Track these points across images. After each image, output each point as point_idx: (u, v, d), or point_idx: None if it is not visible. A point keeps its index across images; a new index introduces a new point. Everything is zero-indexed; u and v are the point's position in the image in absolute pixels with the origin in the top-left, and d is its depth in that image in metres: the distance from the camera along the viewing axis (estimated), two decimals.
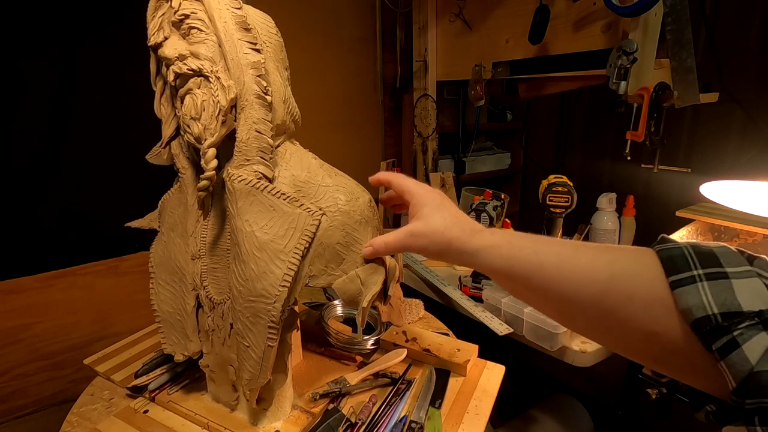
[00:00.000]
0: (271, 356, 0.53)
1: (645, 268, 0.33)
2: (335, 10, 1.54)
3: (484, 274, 0.45)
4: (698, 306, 0.28)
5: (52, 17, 1.00)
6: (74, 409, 0.66)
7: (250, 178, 0.52)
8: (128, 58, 1.06)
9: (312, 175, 0.56)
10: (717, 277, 0.29)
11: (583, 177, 1.72)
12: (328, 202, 0.54)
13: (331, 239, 0.53)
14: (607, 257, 0.35)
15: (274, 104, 0.54)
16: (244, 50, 0.51)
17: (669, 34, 0.86)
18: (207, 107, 0.50)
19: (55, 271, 1.08)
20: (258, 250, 0.51)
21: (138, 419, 0.62)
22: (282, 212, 0.52)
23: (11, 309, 1.03)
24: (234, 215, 0.52)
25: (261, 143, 0.52)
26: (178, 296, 0.60)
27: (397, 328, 0.79)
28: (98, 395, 0.69)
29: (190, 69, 0.50)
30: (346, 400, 0.64)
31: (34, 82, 1.00)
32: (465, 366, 0.69)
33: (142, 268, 1.19)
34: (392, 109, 1.78)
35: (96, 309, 1.14)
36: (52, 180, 1.05)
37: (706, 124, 1.50)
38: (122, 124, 1.11)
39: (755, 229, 0.82)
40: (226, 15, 0.51)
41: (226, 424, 0.60)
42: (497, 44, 1.25)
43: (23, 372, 1.05)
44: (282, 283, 0.51)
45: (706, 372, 0.30)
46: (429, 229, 0.46)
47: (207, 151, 0.50)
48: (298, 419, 0.61)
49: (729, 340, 0.27)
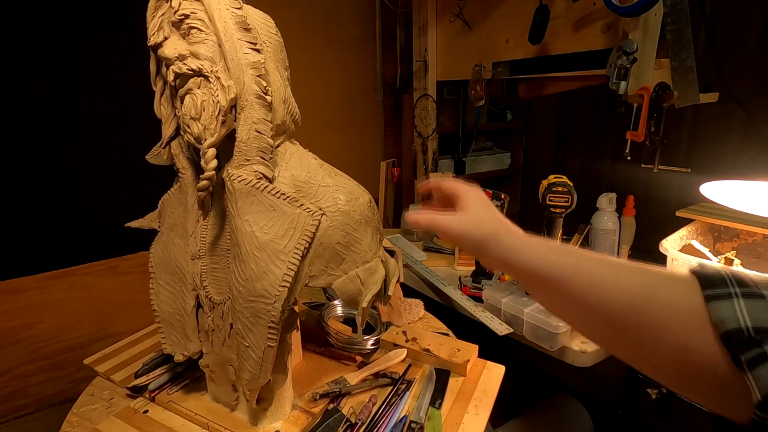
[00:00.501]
0: (271, 356, 0.53)
1: (681, 283, 0.33)
2: (335, 10, 1.54)
3: (515, 273, 0.45)
4: (731, 318, 0.28)
5: (52, 17, 1.00)
6: (74, 409, 0.66)
7: (249, 178, 0.52)
8: (128, 58, 1.06)
9: (312, 175, 0.56)
10: (754, 296, 0.29)
11: (583, 177, 1.72)
12: (328, 202, 0.54)
13: (331, 239, 0.53)
14: (645, 269, 0.36)
15: (274, 104, 0.54)
16: (244, 50, 0.51)
17: (669, 34, 0.86)
18: (207, 107, 0.50)
19: (55, 271, 1.08)
20: (258, 250, 0.51)
21: (138, 419, 0.62)
22: (282, 212, 0.52)
23: (11, 309, 1.03)
24: (234, 215, 0.52)
25: (261, 143, 0.52)
26: (178, 296, 0.60)
27: (397, 328, 0.79)
28: (98, 395, 0.69)
29: (189, 69, 0.50)
30: (346, 400, 0.64)
31: (34, 82, 1.00)
32: (465, 366, 0.69)
33: (142, 268, 1.19)
34: (392, 109, 1.78)
35: (96, 309, 1.14)
36: (52, 180, 1.05)
37: (706, 124, 1.50)
38: (122, 125, 1.11)
39: (755, 229, 0.82)
40: (226, 15, 0.51)
41: (226, 424, 0.60)
42: (497, 44, 1.25)
43: (23, 372, 1.05)
44: (282, 283, 0.51)
45: (730, 389, 0.29)
46: (477, 217, 0.47)
47: (207, 151, 0.50)
48: (298, 419, 0.61)
49: (760, 354, 0.27)
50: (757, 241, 0.88)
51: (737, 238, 0.92)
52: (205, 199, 0.55)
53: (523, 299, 0.89)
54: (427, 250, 1.28)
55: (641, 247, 1.12)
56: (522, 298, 0.89)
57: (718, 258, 0.75)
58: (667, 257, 0.79)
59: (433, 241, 1.33)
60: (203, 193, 0.53)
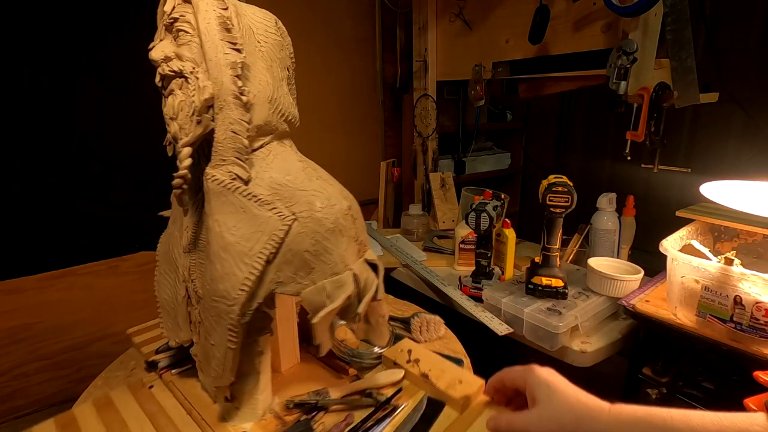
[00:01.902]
0: (231, 358, 0.53)
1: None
2: (335, 10, 1.54)
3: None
4: None
5: (52, 17, 1.00)
6: (104, 373, 0.74)
7: (223, 178, 0.51)
8: (128, 58, 1.06)
9: (291, 179, 0.54)
10: None
11: (583, 177, 1.72)
12: (303, 207, 0.53)
13: (300, 246, 0.52)
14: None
15: (256, 104, 0.53)
16: (225, 50, 0.51)
17: (669, 34, 0.86)
18: (184, 108, 0.50)
19: (55, 271, 1.08)
20: (223, 251, 0.51)
21: (142, 393, 0.65)
22: (252, 215, 0.51)
23: (11, 309, 1.03)
24: (207, 214, 0.52)
25: (236, 144, 0.52)
26: (172, 286, 0.62)
27: (404, 345, 0.72)
28: (126, 364, 0.76)
29: (171, 70, 0.51)
30: (323, 414, 0.60)
31: (35, 82, 1.00)
32: (461, 402, 0.58)
33: (142, 268, 1.20)
34: (392, 109, 1.78)
35: (96, 309, 1.14)
36: (52, 180, 1.05)
37: (706, 124, 1.50)
38: (122, 125, 1.11)
39: (755, 229, 0.82)
40: (211, 16, 0.51)
41: (204, 414, 0.60)
42: (497, 44, 1.25)
43: (23, 372, 1.05)
44: (241, 286, 0.50)
45: None
46: (553, 409, 0.43)
47: (181, 151, 0.51)
48: (269, 424, 0.59)
49: None
50: (757, 241, 0.88)
51: (737, 238, 0.92)
52: (182, 197, 0.54)
53: (523, 299, 0.89)
54: (427, 250, 1.28)
55: (641, 247, 1.12)
56: (522, 298, 0.89)
57: (718, 258, 0.75)
58: (667, 257, 0.79)
59: (433, 241, 1.33)
60: (177, 190, 0.53)
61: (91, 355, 1.15)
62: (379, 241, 1.35)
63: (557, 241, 0.89)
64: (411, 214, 1.43)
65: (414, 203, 1.48)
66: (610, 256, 1.03)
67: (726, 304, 0.70)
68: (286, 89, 0.59)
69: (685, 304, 0.76)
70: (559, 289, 0.88)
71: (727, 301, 0.70)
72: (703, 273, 0.72)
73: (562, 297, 0.88)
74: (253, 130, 0.53)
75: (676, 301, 0.78)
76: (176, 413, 0.61)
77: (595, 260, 0.94)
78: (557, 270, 0.90)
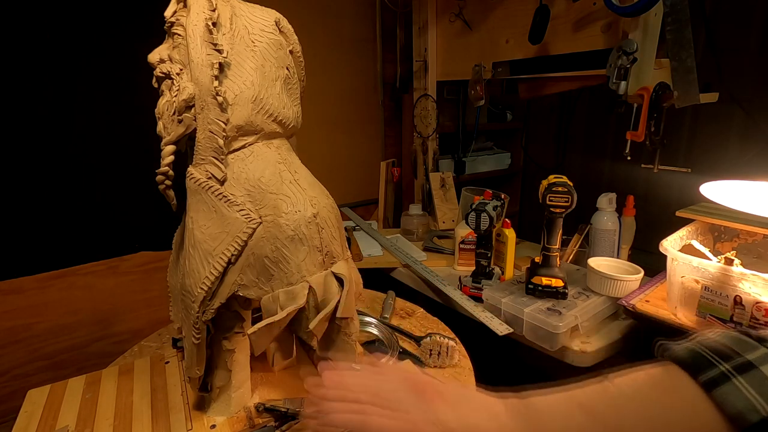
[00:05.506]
0: (196, 352, 0.54)
1: (672, 388, 0.31)
2: (335, 10, 1.54)
3: None
4: (750, 409, 0.27)
5: (53, 18, 1.00)
6: (142, 342, 0.81)
7: (199, 177, 0.52)
8: (128, 58, 1.06)
9: (266, 181, 0.54)
10: (745, 368, 0.28)
11: (583, 177, 1.72)
12: (269, 210, 0.53)
13: (261, 251, 0.52)
14: (640, 400, 0.33)
15: (237, 104, 0.53)
16: (208, 51, 0.52)
17: (669, 34, 0.86)
18: (168, 108, 0.52)
19: (55, 271, 1.08)
20: (192, 248, 0.53)
21: (157, 367, 0.71)
22: (221, 215, 0.52)
23: (11, 309, 1.03)
24: (186, 210, 0.54)
25: (213, 144, 0.52)
26: (177, 274, 0.63)
27: None
28: (162, 336, 0.82)
29: (161, 72, 0.52)
30: (293, 423, 0.58)
31: (35, 82, 1.00)
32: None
33: (142, 268, 1.20)
34: (392, 109, 1.78)
35: (96, 309, 1.14)
36: (52, 180, 1.05)
37: (706, 124, 1.50)
38: (122, 125, 1.11)
39: (755, 229, 0.82)
40: (200, 18, 0.52)
41: (191, 397, 0.63)
42: (497, 44, 1.25)
43: (23, 372, 1.05)
44: (201, 285, 0.52)
45: None
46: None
47: (164, 148, 0.52)
48: (237, 422, 0.59)
49: None
50: (757, 241, 0.88)
51: (737, 238, 0.92)
52: (167, 192, 0.55)
53: (523, 299, 0.89)
54: (427, 250, 1.28)
55: (641, 247, 1.12)
56: (522, 298, 0.89)
57: (718, 258, 0.75)
58: (667, 257, 0.79)
59: (433, 241, 1.33)
60: (161, 186, 0.54)
61: (91, 355, 1.15)
62: (379, 241, 1.35)
63: (557, 241, 0.89)
64: (411, 214, 1.43)
65: (414, 203, 1.48)
66: (610, 256, 1.03)
67: (726, 304, 0.70)
68: (280, 89, 0.58)
69: (685, 304, 0.76)
70: (559, 289, 0.88)
71: (727, 301, 0.70)
72: (703, 273, 0.72)
73: (562, 297, 0.88)
74: (232, 130, 0.53)
75: (676, 301, 0.78)
76: (173, 392, 0.65)
77: (595, 260, 0.94)
78: (557, 270, 0.90)
